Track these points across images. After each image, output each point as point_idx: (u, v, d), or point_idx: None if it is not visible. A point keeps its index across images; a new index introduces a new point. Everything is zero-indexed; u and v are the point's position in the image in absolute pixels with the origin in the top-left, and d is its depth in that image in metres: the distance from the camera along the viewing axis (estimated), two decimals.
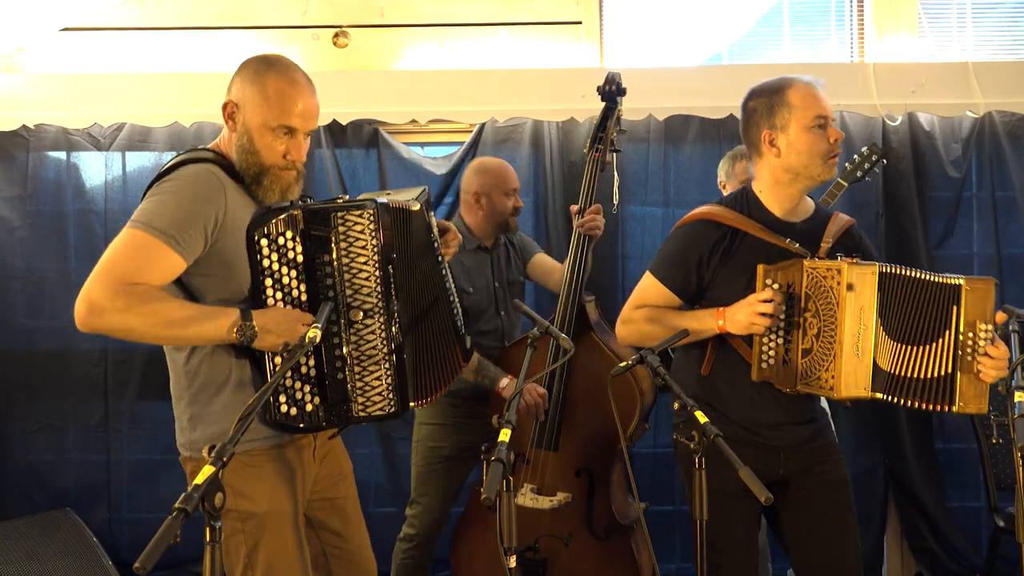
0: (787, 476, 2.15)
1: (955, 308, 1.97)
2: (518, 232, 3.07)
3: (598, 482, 2.68)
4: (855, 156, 3.03)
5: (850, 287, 1.95)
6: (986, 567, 3.09)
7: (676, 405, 1.85)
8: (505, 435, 1.60)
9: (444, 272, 2.06)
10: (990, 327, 1.96)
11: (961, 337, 1.96)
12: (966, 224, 3.59)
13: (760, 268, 2.06)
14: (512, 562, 1.51)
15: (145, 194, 1.83)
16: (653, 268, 2.21)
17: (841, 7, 3.91)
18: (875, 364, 1.99)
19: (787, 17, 3.91)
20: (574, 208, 2.77)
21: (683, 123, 3.60)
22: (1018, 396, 1.54)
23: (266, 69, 1.87)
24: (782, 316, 2.05)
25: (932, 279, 2.00)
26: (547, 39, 3.76)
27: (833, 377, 1.98)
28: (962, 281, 1.97)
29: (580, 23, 3.76)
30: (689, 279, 2.16)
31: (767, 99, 2.12)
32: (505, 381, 2.71)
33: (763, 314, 2.01)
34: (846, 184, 2.98)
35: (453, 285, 2.10)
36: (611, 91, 2.74)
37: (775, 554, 3.20)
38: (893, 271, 2.01)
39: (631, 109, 3.58)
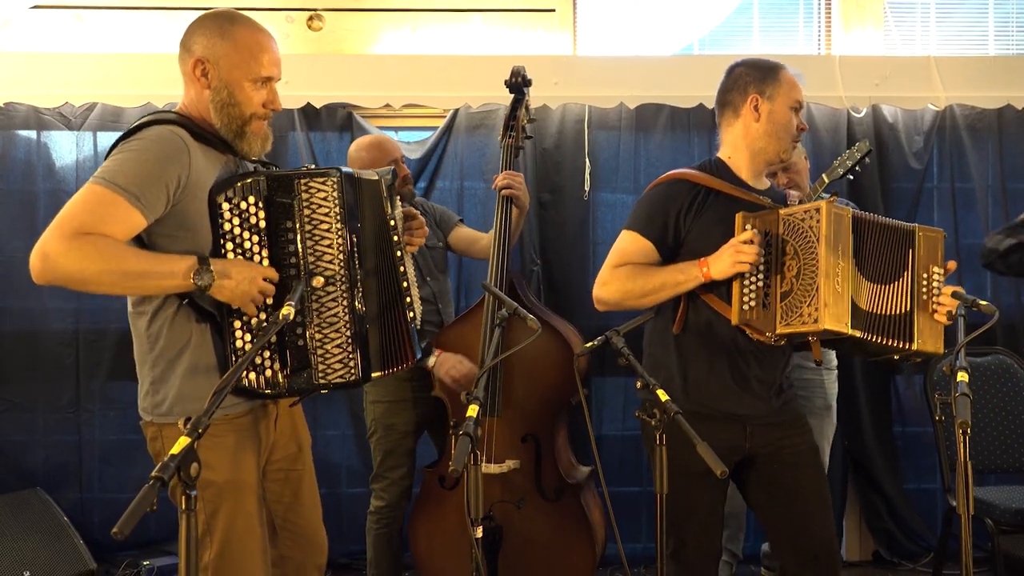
0: (755, 452, 2.18)
1: (911, 251, 2.13)
2: (431, 204, 3.23)
3: (544, 446, 2.80)
4: (843, 153, 2.91)
5: (830, 221, 2.04)
6: (939, 545, 3.19)
7: (639, 384, 1.90)
8: (473, 410, 1.65)
9: (401, 255, 2.03)
10: (942, 271, 2.13)
11: (917, 277, 2.11)
12: (927, 214, 3.69)
13: (739, 216, 2.14)
14: (479, 532, 1.56)
15: (109, 153, 1.83)
16: (630, 224, 2.23)
17: (810, 1, 3.98)
18: (853, 303, 2.06)
19: (757, 9, 3.98)
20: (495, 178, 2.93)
21: (654, 112, 3.65)
22: (960, 376, 1.62)
23: (230, 23, 1.90)
24: (762, 259, 2.09)
25: (893, 224, 2.15)
26: (520, 27, 3.79)
27: (816, 310, 2.00)
28: (915, 227, 2.15)
29: (554, 11, 3.79)
30: (667, 232, 2.19)
31: (761, 70, 2.23)
32: (432, 360, 2.82)
33: (745, 253, 2.06)
34: (827, 180, 2.88)
35: (412, 275, 2.08)
36: (517, 83, 2.94)
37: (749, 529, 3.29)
38: (864, 216, 2.14)
39: (604, 97, 3.63)
